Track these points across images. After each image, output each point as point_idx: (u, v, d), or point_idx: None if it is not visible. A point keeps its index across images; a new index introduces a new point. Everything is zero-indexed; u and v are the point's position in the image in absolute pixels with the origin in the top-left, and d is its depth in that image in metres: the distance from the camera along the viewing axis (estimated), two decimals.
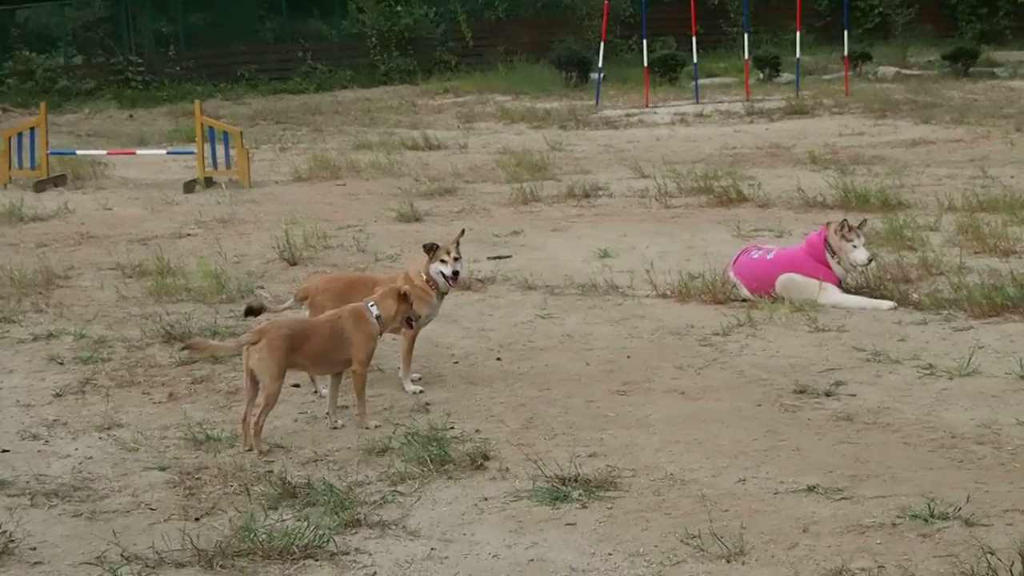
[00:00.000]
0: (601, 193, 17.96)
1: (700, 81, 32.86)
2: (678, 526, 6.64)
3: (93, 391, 9.45)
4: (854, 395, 8.80)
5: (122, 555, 6.48)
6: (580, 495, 7.10)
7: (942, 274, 12.00)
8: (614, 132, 26.67)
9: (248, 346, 8.07)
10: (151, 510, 7.17)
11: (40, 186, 20.34)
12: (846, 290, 11.41)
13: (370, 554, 6.51)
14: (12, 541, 6.65)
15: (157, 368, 10.01)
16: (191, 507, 7.17)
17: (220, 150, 20.25)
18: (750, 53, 34.67)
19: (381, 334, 8.69)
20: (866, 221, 12.04)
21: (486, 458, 7.73)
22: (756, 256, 11.76)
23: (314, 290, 9.54)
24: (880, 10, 45.72)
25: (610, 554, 6.40)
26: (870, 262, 11.45)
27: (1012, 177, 17.79)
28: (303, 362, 8.38)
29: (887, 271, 12.05)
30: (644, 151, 22.95)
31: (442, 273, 9.39)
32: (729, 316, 10.92)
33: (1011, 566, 5.91)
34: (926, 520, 6.53)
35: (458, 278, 9.56)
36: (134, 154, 23.00)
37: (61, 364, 10.17)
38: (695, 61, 33.27)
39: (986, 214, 14.58)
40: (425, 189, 18.76)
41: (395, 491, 7.32)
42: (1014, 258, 12.63)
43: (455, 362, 10.07)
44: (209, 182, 20.15)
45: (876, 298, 11.26)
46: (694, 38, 33.41)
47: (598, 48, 33.88)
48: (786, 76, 35.62)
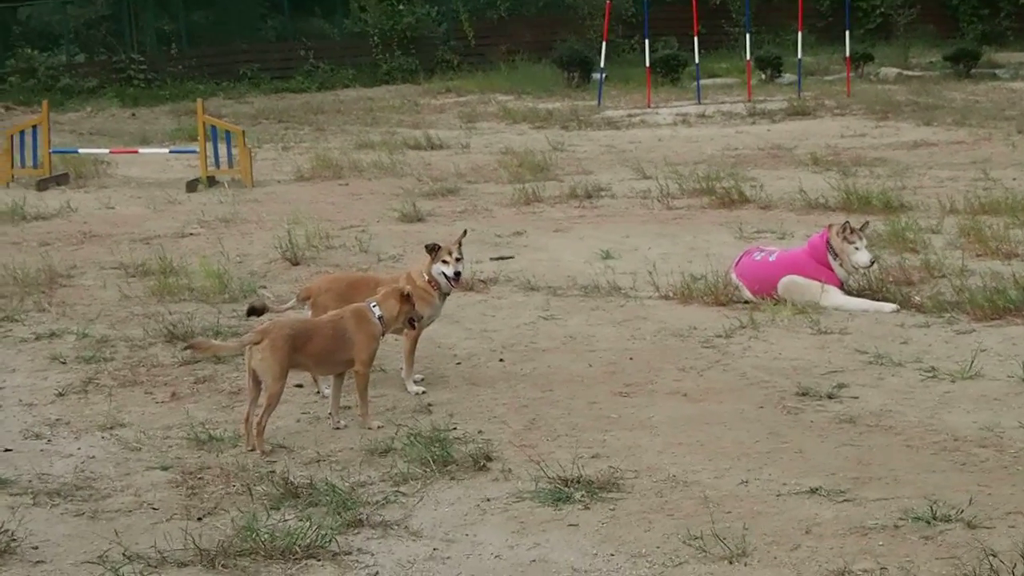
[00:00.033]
0: (603, 194, 17.96)
1: (702, 81, 32.86)
2: (680, 527, 6.64)
3: (96, 390, 9.46)
4: (856, 397, 8.80)
5: (124, 554, 6.48)
6: (583, 496, 7.11)
7: (944, 277, 12.00)
8: (616, 132, 26.66)
9: (251, 346, 8.07)
10: (153, 510, 7.17)
11: (42, 185, 20.35)
12: (848, 292, 11.41)
13: (372, 554, 6.52)
14: (14, 540, 6.66)
15: (160, 368, 10.02)
16: (193, 507, 7.17)
17: (222, 149, 20.26)
18: (752, 53, 34.62)
19: (383, 334, 8.69)
20: (868, 223, 12.03)
21: (488, 459, 7.73)
22: (758, 258, 11.76)
23: (316, 290, 9.54)
24: (882, 11, 45.68)
25: (612, 555, 6.41)
26: (872, 264, 11.45)
27: (1014, 179, 17.78)
28: (305, 362, 8.38)
29: (889, 273, 12.05)
30: (646, 152, 22.94)
31: (444, 274, 9.38)
32: (731, 318, 10.92)
33: (1013, 568, 5.92)
34: (928, 522, 6.54)
35: (460, 279, 9.55)
36: (136, 153, 23.01)
37: (64, 363, 10.17)
38: (697, 61, 33.28)
39: (988, 216, 14.58)
40: (427, 189, 18.76)
41: (397, 491, 7.32)
42: (1016, 261, 12.62)
43: (458, 363, 10.07)
44: (211, 181, 20.15)
45: (878, 300, 11.27)
46: (696, 38, 33.41)
47: (600, 48, 33.86)
48: (788, 77, 35.61)
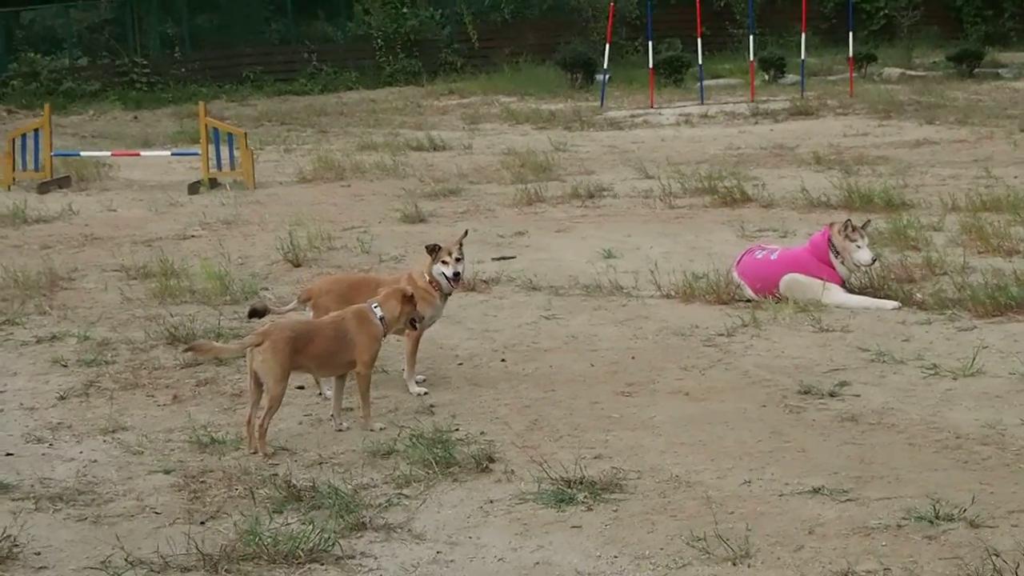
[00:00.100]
0: (605, 194, 17.95)
1: (705, 82, 32.86)
2: (684, 528, 6.63)
3: (97, 394, 9.44)
4: (858, 396, 8.78)
5: (126, 559, 6.46)
6: (585, 497, 7.09)
7: (946, 274, 11.99)
8: (619, 133, 26.65)
9: (252, 348, 8.05)
10: (156, 514, 7.15)
11: (44, 188, 20.35)
12: (850, 290, 11.40)
13: (375, 557, 6.50)
14: (16, 546, 6.63)
15: (161, 370, 10.00)
16: (196, 511, 7.15)
17: (224, 151, 20.26)
18: (755, 54, 34.62)
19: (385, 335, 8.67)
20: (870, 221, 12.02)
21: (491, 460, 7.72)
22: (760, 256, 11.75)
23: (318, 292, 9.53)
24: (885, 12, 45.64)
25: (616, 557, 6.39)
26: (874, 262, 11.45)
27: (1015, 177, 17.77)
28: (307, 364, 8.36)
29: (891, 271, 12.03)
30: (649, 152, 22.93)
31: (444, 274, 9.37)
32: (733, 317, 10.90)
33: (1016, 568, 5.90)
34: (931, 522, 6.52)
35: (460, 279, 9.52)
36: (138, 155, 22.99)
37: (65, 367, 10.15)
38: (700, 62, 33.30)
39: (990, 214, 14.57)
40: (430, 190, 18.76)
41: (400, 494, 7.30)
42: (1018, 258, 12.62)
43: (459, 363, 10.05)
44: (213, 183, 20.15)
45: (880, 298, 11.26)
46: (699, 39, 33.44)
47: (603, 49, 33.87)
48: (791, 77, 35.59)
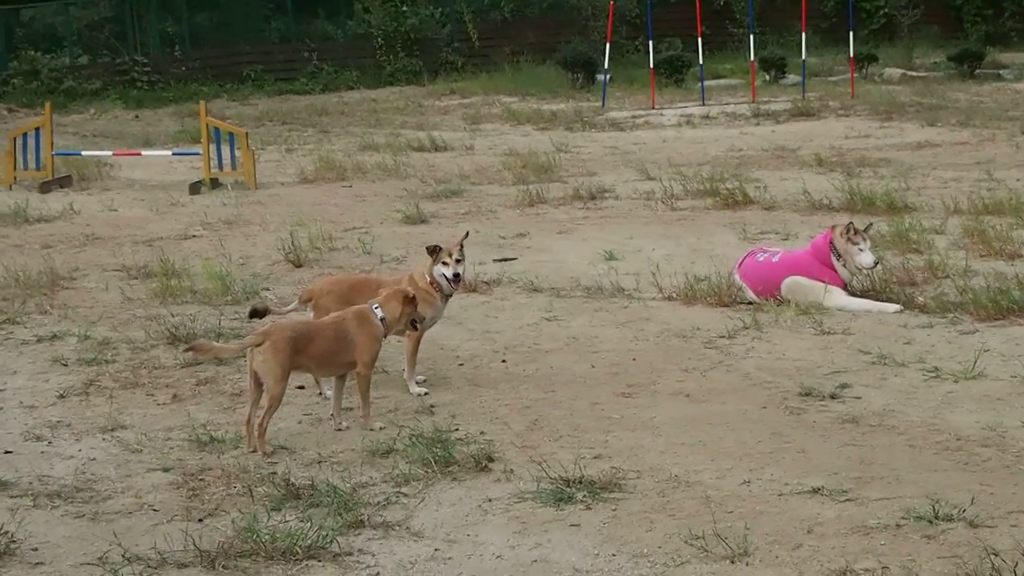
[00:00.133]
0: (607, 195, 17.94)
1: (706, 82, 32.85)
2: (682, 527, 6.63)
3: (97, 392, 9.44)
4: (859, 398, 8.78)
5: (124, 556, 6.47)
6: (584, 496, 7.09)
7: (948, 277, 11.98)
8: (620, 134, 26.64)
9: (252, 348, 8.06)
10: (154, 511, 7.16)
11: (45, 187, 20.33)
12: (852, 293, 11.39)
13: (373, 555, 6.51)
14: (14, 542, 6.65)
15: (161, 369, 10.00)
16: (194, 508, 7.16)
17: (226, 151, 20.25)
18: (756, 54, 34.64)
19: (385, 336, 8.68)
20: (872, 224, 12.02)
21: (490, 460, 7.72)
22: (762, 259, 11.74)
23: (318, 292, 9.54)
24: (886, 11, 45.62)
25: (614, 555, 6.40)
26: (876, 265, 11.43)
27: (1018, 180, 17.74)
28: (307, 364, 8.36)
29: (893, 274, 12.02)
30: (650, 153, 22.92)
31: (444, 275, 9.38)
32: (735, 319, 10.90)
33: (1015, 567, 5.91)
34: (930, 522, 6.53)
35: (460, 280, 9.51)
36: (139, 155, 22.98)
37: (65, 365, 10.16)
38: (701, 62, 33.31)
39: (992, 217, 14.56)
40: (431, 191, 18.75)
41: (399, 492, 7.31)
42: (1020, 261, 12.59)
43: (460, 364, 10.05)
44: (215, 183, 20.14)
45: (882, 301, 11.25)
46: (700, 39, 33.44)
47: (604, 49, 33.86)
48: (792, 77, 35.60)
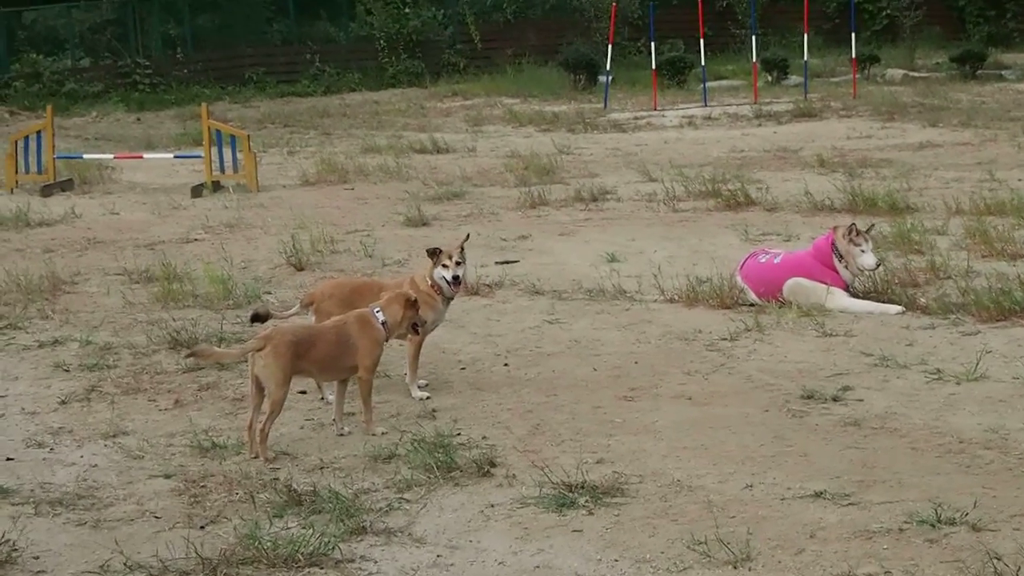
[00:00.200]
0: (609, 197, 17.93)
1: (708, 84, 32.85)
2: (685, 532, 6.62)
3: (99, 398, 9.42)
4: (861, 400, 8.77)
5: (125, 564, 6.46)
6: (587, 502, 7.08)
7: (950, 278, 11.97)
8: (622, 135, 26.64)
9: (254, 353, 8.05)
10: (156, 518, 7.14)
11: (47, 190, 20.31)
12: (854, 294, 11.38)
13: (375, 561, 6.50)
14: (15, 550, 6.63)
15: (163, 375, 9.99)
16: (196, 515, 7.15)
17: (227, 154, 20.25)
18: (758, 56, 34.64)
19: (387, 340, 8.66)
20: (873, 225, 12.02)
21: (493, 465, 7.71)
22: (763, 260, 11.73)
23: (320, 296, 9.53)
24: (888, 12, 45.60)
25: (616, 560, 6.39)
26: (878, 266, 11.43)
27: (1020, 180, 17.74)
28: (309, 368, 8.35)
29: (895, 275, 12.01)
30: (652, 154, 22.91)
31: (444, 278, 9.37)
32: (737, 321, 10.89)
33: (1018, 571, 5.90)
34: (933, 525, 6.52)
35: (460, 282, 9.50)
36: (141, 158, 22.95)
37: (67, 371, 10.14)
38: (703, 64, 33.30)
39: (994, 218, 14.56)
40: (433, 193, 18.74)
41: (401, 498, 7.30)
42: (1022, 262, 12.58)
43: (462, 368, 10.04)
44: (216, 186, 20.14)
45: (884, 302, 11.24)
46: (702, 40, 33.43)
47: (606, 50, 33.86)
48: (794, 79, 35.59)
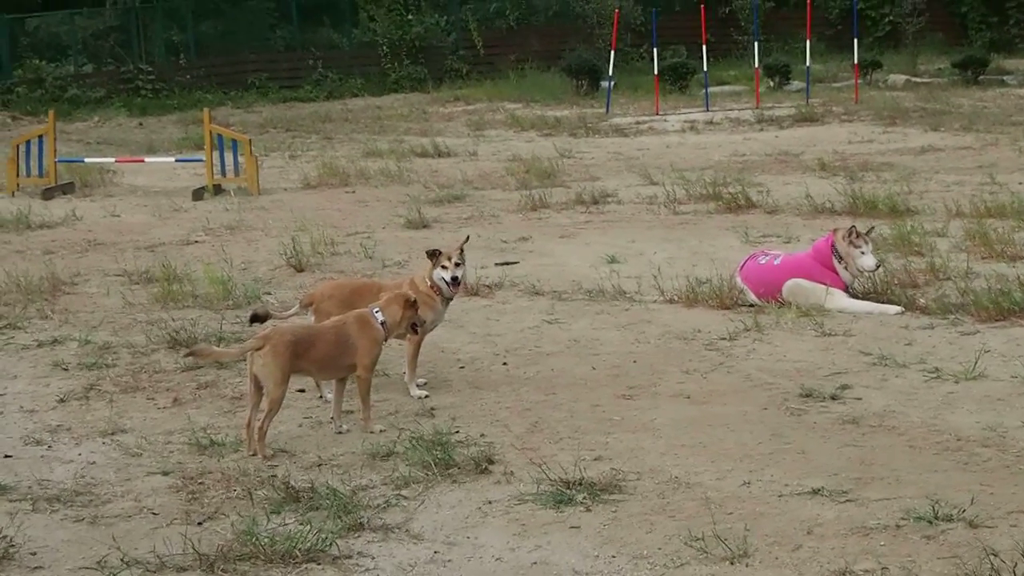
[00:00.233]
0: (610, 200, 17.93)
1: (710, 89, 32.84)
2: (682, 529, 6.62)
3: (97, 396, 9.43)
4: (860, 399, 8.77)
5: (123, 560, 6.46)
6: (584, 498, 7.07)
7: (949, 279, 11.98)
8: (624, 140, 26.64)
9: (252, 352, 8.05)
10: (153, 515, 7.14)
11: (48, 194, 20.34)
12: (853, 295, 11.39)
13: (373, 557, 6.50)
14: (13, 546, 6.64)
15: (162, 373, 9.99)
16: (194, 512, 7.15)
17: (229, 158, 20.27)
18: (760, 61, 34.67)
19: (386, 339, 8.67)
20: (874, 228, 12.03)
21: (491, 462, 7.71)
22: (763, 262, 11.74)
23: (319, 296, 9.54)
24: (890, 19, 45.67)
25: (614, 557, 6.39)
26: (877, 268, 11.43)
27: (1020, 183, 17.75)
28: (308, 368, 8.36)
29: (894, 276, 12.01)
30: (654, 158, 22.93)
31: (443, 279, 9.38)
32: (736, 321, 10.89)
33: (1014, 567, 5.89)
34: (930, 522, 6.52)
35: (458, 283, 9.51)
36: (143, 162, 22.98)
37: (66, 370, 10.14)
38: (705, 69, 33.30)
39: (994, 220, 14.56)
40: (434, 196, 18.74)
41: (399, 495, 7.30)
42: (1021, 263, 12.57)
43: (461, 367, 10.05)
44: (218, 189, 20.15)
45: (883, 303, 11.24)
46: (704, 46, 33.45)
47: (609, 56, 33.89)
48: (796, 84, 35.61)
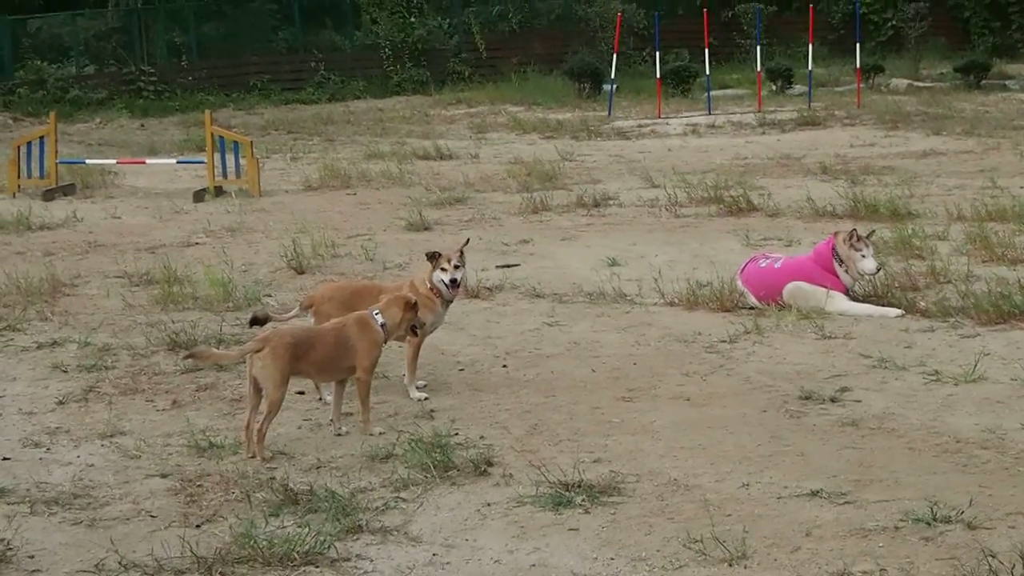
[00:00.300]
0: (611, 202, 17.92)
1: (712, 92, 32.81)
2: (681, 531, 6.62)
3: (96, 399, 9.42)
4: (859, 401, 8.77)
5: (121, 563, 6.45)
6: (583, 501, 7.07)
7: (950, 282, 11.98)
8: (626, 143, 26.64)
9: (252, 354, 8.05)
10: (152, 517, 7.14)
11: (48, 195, 20.31)
12: (853, 298, 11.38)
13: (371, 560, 6.49)
14: (10, 549, 6.64)
15: (161, 376, 9.98)
16: (192, 514, 7.14)
17: (230, 159, 20.27)
18: (763, 65, 34.66)
19: (386, 342, 8.67)
20: (874, 231, 12.03)
21: (490, 464, 7.71)
22: (764, 265, 11.74)
23: (319, 298, 9.54)
24: (893, 23, 45.67)
25: (612, 558, 6.38)
26: (878, 271, 11.43)
27: (1021, 187, 17.75)
28: (307, 370, 8.36)
29: (895, 279, 12.01)
30: (655, 161, 22.92)
31: (443, 281, 9.38)
32: (736, 324, 10.88)
33: (1012, 569, 5.90)
34: (929, 524, 6.52)
35: (458, 286, 9.51)
36: (144, 163, 22.98)
37: (65, 372, 10.13)
38: (708, 73, 33.27)
39: (995, 224, 14.57)
40: (435, 198, 18.72)
41: (398, 497, 7.29)
42: (1021, 267, 12.58)
43: (461, 369, 10.04)
44: (219, 191, 20.15)
45: (884, 306, 11.24)
46: (707, 50, 33.44)
47: (611, 60, 33.89)
48: (798, 88, 35.60)
